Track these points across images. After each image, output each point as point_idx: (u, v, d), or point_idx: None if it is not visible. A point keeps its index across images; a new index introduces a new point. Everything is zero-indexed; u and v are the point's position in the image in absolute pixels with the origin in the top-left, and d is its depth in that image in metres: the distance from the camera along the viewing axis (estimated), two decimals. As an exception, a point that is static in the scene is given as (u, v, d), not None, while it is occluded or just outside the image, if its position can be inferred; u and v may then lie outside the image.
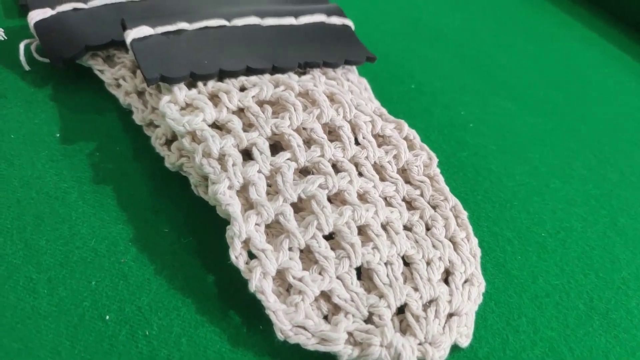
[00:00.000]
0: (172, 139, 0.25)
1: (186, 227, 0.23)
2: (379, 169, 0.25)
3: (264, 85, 0.24)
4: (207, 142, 0.22)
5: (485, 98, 0.34)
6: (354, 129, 0.25)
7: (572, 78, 0.38)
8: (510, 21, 0.42)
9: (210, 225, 0.23)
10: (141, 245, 0.22)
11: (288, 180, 0.22)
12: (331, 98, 0.25)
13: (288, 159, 0.22)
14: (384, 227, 0.22)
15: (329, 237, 0.22)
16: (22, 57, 0.29)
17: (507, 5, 0.44)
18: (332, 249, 0.21)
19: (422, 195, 0.25)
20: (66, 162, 0.25)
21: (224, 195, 0.21)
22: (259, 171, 0.22)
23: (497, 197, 0.28)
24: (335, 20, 0.31)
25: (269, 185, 0.22)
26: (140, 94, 0.28)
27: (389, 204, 0.24)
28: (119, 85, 0.28)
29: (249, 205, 0.22)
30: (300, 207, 0.22)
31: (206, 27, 0.27)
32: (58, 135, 0.26)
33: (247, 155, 0.23)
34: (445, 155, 0.30)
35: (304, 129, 0.24)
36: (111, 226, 0.23)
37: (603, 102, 0.36)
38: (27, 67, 0.29)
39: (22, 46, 0.29)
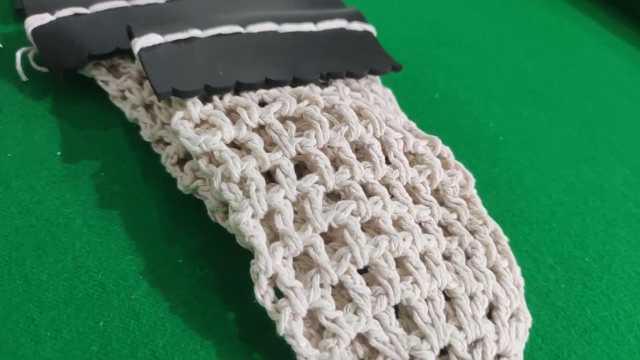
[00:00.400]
0: (184, 157, 0.23)
1: (203, 258, 0.21)
2: (411, 190, 0.23)
3: (286, 99, 0.22)
4: (227, 164, 0.20)
5: (513, 108, 0.32)
6: (384, 146, 0.23)
7: (602, 85, 0.36)
8: (533, 25, 0.40)
9: (229, 254, 0.21)
10: (153, 279, 0.20)
11: (317, 207, 0.20)
12: (358, 113, 0.23)
13: (316, 183, 0.20)
14: (422, 257, 0.20)
15: (362, 270, 0.20)
16: (18, 67, 0.27)
17: (529, 8, 0.42)
18: (367, 284, 0.19)
19: (459, 219, 0.23)
20: (68, 184, 0.23)
21: (248, 225, 0.19)
22: (285, 197, 0.20)
23: (534, 217, 0.26)
24: (357, 26, 0.29)
25: (294, 212, 0.20)
26: (148, 107, 0.25)
27: (424, 230, 0.22)
28: (124, 98, 0.26)
29: (273, 234, 0.19)
30: (329, 236, 0.20)
31: (220, 35, 0.25)
32: (59, 153, 0.24)
33: (267, 177, 0.21)
34: (477, 172, 0.27)
35: (329, 147, 0.22)
36: (120, 257, 0.21)
37: (636, 111, 0.34)
38: (24, 78, 0.27)
39: (18, 55, 0.27)
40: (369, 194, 0.21)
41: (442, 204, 0.23)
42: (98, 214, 0.22)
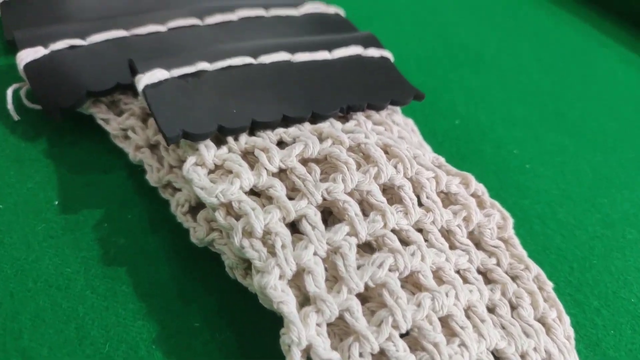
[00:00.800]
0: (197, 205, 0.21)
1: (222, 319, 0.19)
2: (446, 234, 0.21)
3: (308, 140, 0.20)
4: (249, 217, 0.18)
5: (537, 132, 0.31)
6: (415, 187, 0.21)
7: (623, 104, 0.34)
8: (548, 43, 0.38)
9: (252, 315, 0.19)
10: (168, 348, 0.18)
11: (351, 264, 0.17)
12: (386, 151, 0.21)
13: (347, 234, 0.18)
14: (466, 313, 0.18)
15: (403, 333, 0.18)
16: (10, 106, 0.25)
17: (543, 25, 0.40)
18: (409, 348, 0.17)
19: (498, 264, 0.21)
20: (68, 238, 0.21)
21: (275, 290, 0.17)
22: (315, 253, 0.18)
23: (573, 255, 0.24)
24: (373, 52, 0.27)
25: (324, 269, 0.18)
26: (154, 147, 0.23)
27: (464, 280, 0.20)
28: (127, 137, 0.24)
29: (302, 296, 0.17)
30: (364, 295, 0.18)
31: (230, 67, 0.23)
32: (57, 202, 0.22)
33: (290, 226, 0.19)
34: (507, 205, 0.25)
35: (355, 190, 0.20)
36: (129, 323, 0.19)
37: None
38: (16, 117, 0.25)
39: (9, 92, 0.25)
40: (403, 241, 0.19)
41: (477, 245, 0.21)
42: (102, 272, 0.20)
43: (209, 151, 0.20)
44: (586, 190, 0.27)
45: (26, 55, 0.25)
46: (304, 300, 0.17)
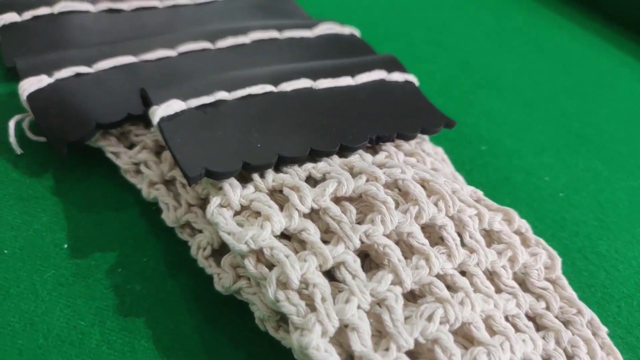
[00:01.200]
0: (220, 248, 0.19)
1: (252, 378, 0.17)
2: (490, 276, 0.19)
3: (341, 176, 0.19)
4: (284, 267, 0.16)
5: (566, 158, 0.29)
6: (457, 225, 0.19)
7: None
8: (567, 61, 0.37)
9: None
10: (195, 414, 0.16)
11: (399, 317, 0.16)
12: (423, 186, 0.20)
13: (391, 284, 0.17)
14: (522, 368, 0.17)
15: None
16: (12, 139, 0.23)
17: (559, 44, 0.39)
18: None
19: (548, 308, 0.19)
20: (79, 287, 0.19)
21: (319, 350, 0.15)
22: (358, 306, 0.16)
23: (619, 293, 0.23)
24: (397, 76, 0.25)
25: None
26: (169, 183, 0.22)
27: (514, 327, 0.18)
28: (139, 172, 0.22)
29: (345, 353, 0.16)
30: (412, 350, 0.16)
31: (250, 96, 0.22)
32: (66, 246, 0.20)
33: (325, 272, 0.17)
34: (545, 238, 0.23)
35: (393, 230, 0.18)
36: (150, 384, 0.17)
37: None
38: (18, 151, 0.23)
39: (12, 124, 0.23)
40: (449, 287, 0.18)
41: (521, 286, 0.20)
42: (118, 325, 0.18)
43: (234, 191, 0.18)
44: (624, 220, 0.26)
45: (29, 85, 0.23)
46: (347, 357, 0.16)
